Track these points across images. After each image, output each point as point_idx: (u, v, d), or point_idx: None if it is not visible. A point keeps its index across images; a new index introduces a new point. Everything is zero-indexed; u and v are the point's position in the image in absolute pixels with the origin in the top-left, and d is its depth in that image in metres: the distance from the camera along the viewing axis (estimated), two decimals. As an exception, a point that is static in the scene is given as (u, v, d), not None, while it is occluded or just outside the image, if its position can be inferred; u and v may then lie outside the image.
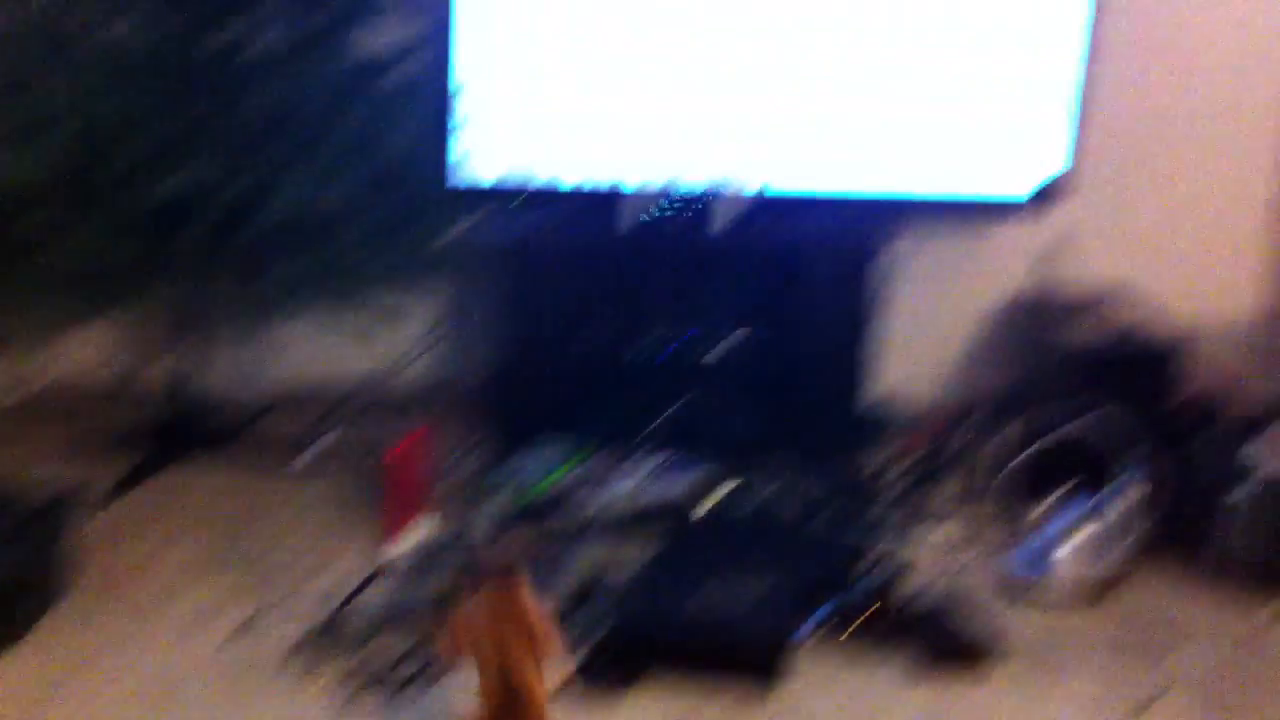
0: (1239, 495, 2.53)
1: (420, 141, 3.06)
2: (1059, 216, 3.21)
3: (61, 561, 2.40)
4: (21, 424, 3.16)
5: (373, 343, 3.17)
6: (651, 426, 2.97)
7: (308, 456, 3.06)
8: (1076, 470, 2.69)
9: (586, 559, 2.42)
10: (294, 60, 2.81)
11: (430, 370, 3.55)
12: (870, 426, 3.11)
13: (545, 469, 2.78)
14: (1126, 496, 2.64)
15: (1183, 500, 2.62)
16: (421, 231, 3.13)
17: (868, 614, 2.28)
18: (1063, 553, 2.48)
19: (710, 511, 2.70)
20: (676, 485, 2.75)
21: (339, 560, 2.56)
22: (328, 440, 3.14)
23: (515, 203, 3.18)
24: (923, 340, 3.46)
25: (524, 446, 2.91)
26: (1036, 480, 2.73)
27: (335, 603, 2.36)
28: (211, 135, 2.74)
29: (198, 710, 2.07)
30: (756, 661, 2.15)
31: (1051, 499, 2.63)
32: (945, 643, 2.25)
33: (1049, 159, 3.12)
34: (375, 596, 2.39)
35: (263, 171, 2.75)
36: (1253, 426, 2.70)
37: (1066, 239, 3.36)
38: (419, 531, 2.60)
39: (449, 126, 3.15)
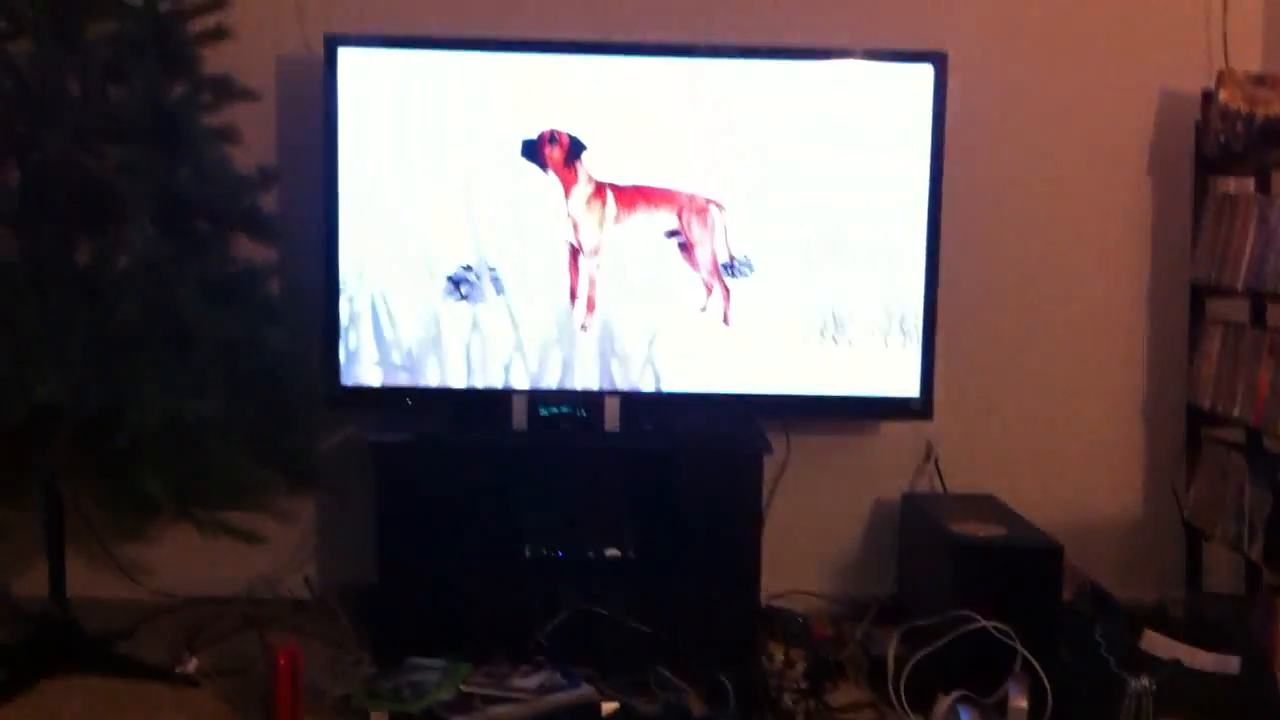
0: (1131, 695, 2.59)
1: (300, 347, 3.06)
2: (934, 422, 3.32)
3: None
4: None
5: (253, 550, 3.10)
6: (543, 633, 2.94)
7: (189, 666, 2.94)
8: (966, 672, 2.73)
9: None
10: (168, 267, 2.79)
11: (312, 577, 3.48)
12: (764, 627, 3.11)
13: (433, 681, 2.71)
14: (1015, 700, 2.69)
15: (1068, 702, 2.67)
16: (302, 438, 3.11)
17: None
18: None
19: (608, 717, 2.67)
20: (573, 694, 2.70)
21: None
22: (206, 654, 3.04)
23: (404, 405, 3.19)
24: (810, 539, 3.51)
25: (409, 658, 2.85)
26: (929, 682, 2.76)
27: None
28: (84, 343, 2.70)
29: None
30: None
31: (948, 700, 2.64)
32: None
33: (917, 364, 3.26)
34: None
35: (136, 379, 2.71)
36: (1131, 626, 2.78)
37: (943, 440, 3.48)
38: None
39: (331, 331, 3.16)
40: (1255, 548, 3.00)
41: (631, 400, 3.18)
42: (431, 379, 3.19)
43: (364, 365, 3.19)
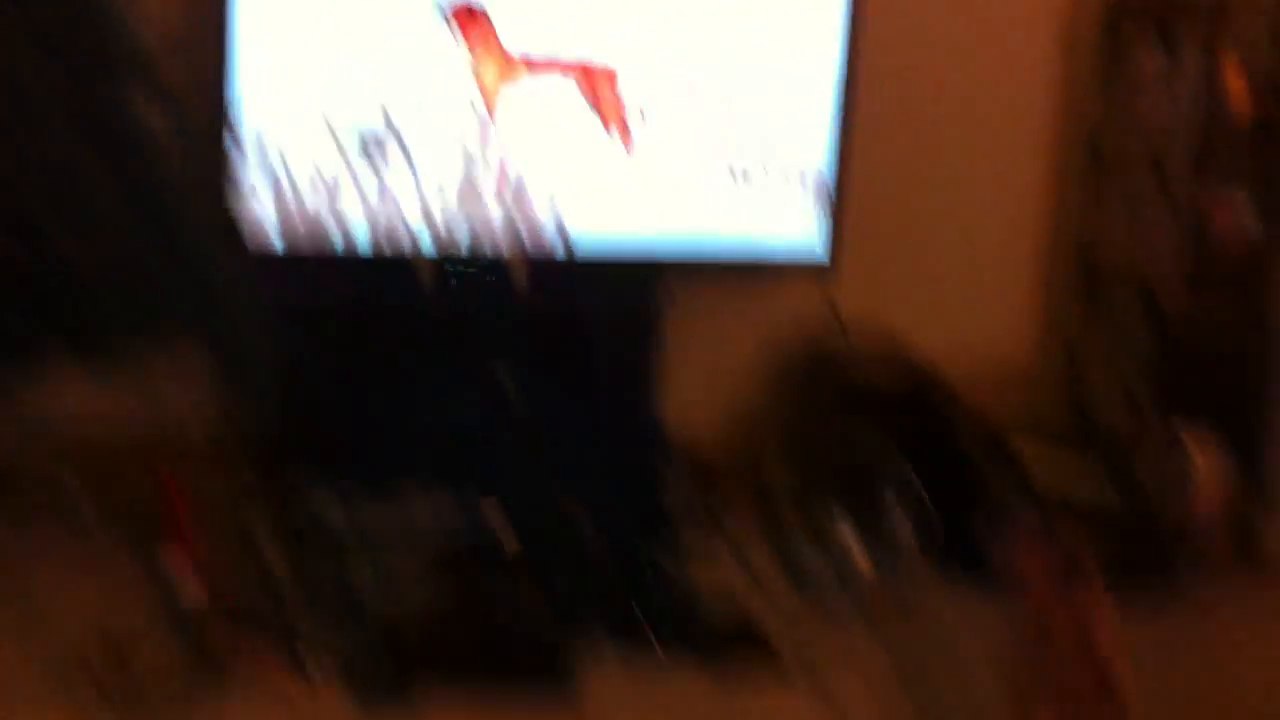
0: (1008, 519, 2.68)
1: (200, 198, 3.04)
2: (836, 275, 3.37)
3: None
4: None
5: (150, 395, 3.10)
6: (443, 475, 2.98)
7: (85, 508, 2.96)
8: (859, 497, 2.82)
9: (375, 582, 2.40)
10: (65, 117, 2.76)
11: (210, 421, 3.47)
12: (662, 459, 3.17)
13: (329, 506, 2.76)
14: (909, 526, 2.78)
15: (957, 523, 2.77)
16: (201, 288, 3.08)
17: (661, 631, 2.33)
18: (848, 571, 2.58)
19: (501, 539, 2.73)
20: (464, 518, 2.77)
21: (119, 604, 2.50)
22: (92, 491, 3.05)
23: (303, 260, 3.18)
24: (712, 379, 3.55)
25: (303, 488, 2.88)
26: (822, 504, 2.84)
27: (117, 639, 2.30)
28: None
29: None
30: (549, 675, 2.17)
31: (841, 526, 2.73)
32: (737, 655, 2.31)
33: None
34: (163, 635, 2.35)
35: (34, 229, 2.69)
36: (1020, 461, 2.87)
37: (843, 283, 3.52)
38: (198, 578, 2.55)
39: (230, 182, 3.14)
40: (1142, 389, 3.09)
41: (537, 263, 3.20)
42: (334, 241, 3.19)
43: (263, 224, 3.18)
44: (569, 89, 3.20)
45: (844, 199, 3.26)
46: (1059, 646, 1.70)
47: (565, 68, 3.19)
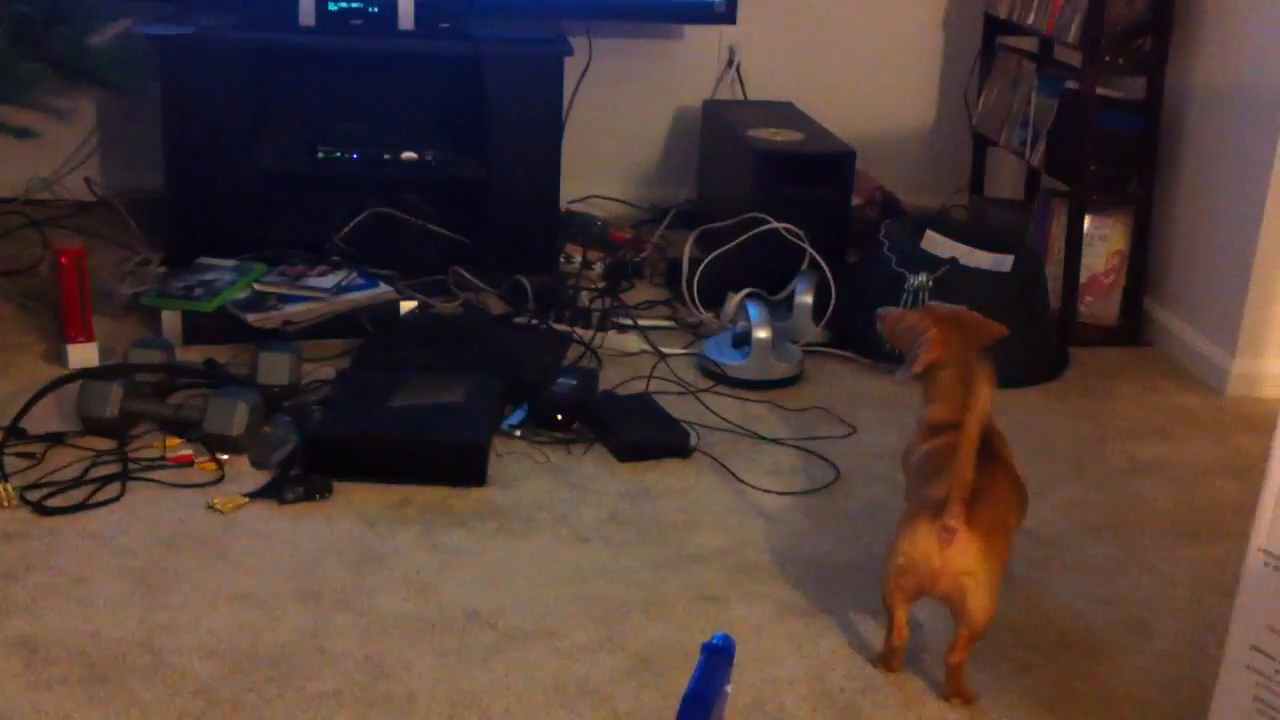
0: (909, 290, 2.72)
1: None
2: (739, 27, 3.28)
3: None
4: None
5: (29, 149, 2.94)
6: (340, 235, 2.91)
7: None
8: (759, 273, 2.83)
9: (281, 366, 2.35)
10: None
11: (95, 178, 3.34)
12: (564, 232, 3.13)
13: (227, 281, 2.67)
14: (801, 296, 2.81)
15: (859, 297, 2.80)
16: (75, 30, 2.89)
17: (569, 407, 2.34)
18: (754, 346, 2.60)
19: (408, 316, 2.69)
20: (371, 293, 2.70)
21: (13, 369, 2.44)
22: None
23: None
24: (611, 145, 3.50)
25: (200, 260, 2.78)
26: (723, 281, 2.84)
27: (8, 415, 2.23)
28: None
29: None
30: (461, 456, 2.18)
31: (738, 297, 2.74)
32: (644, 429, 2.34)
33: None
34: (52, 409, 2.28)
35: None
36: (918, 228, 2.89)
37: (746, 48, 3.45)
38: (90, 347, 2.47)
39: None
40: (1037, 154, 3.11)
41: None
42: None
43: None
44: None
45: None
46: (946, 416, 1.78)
47: None
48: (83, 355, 2.45)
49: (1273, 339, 2.68)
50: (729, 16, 3.21)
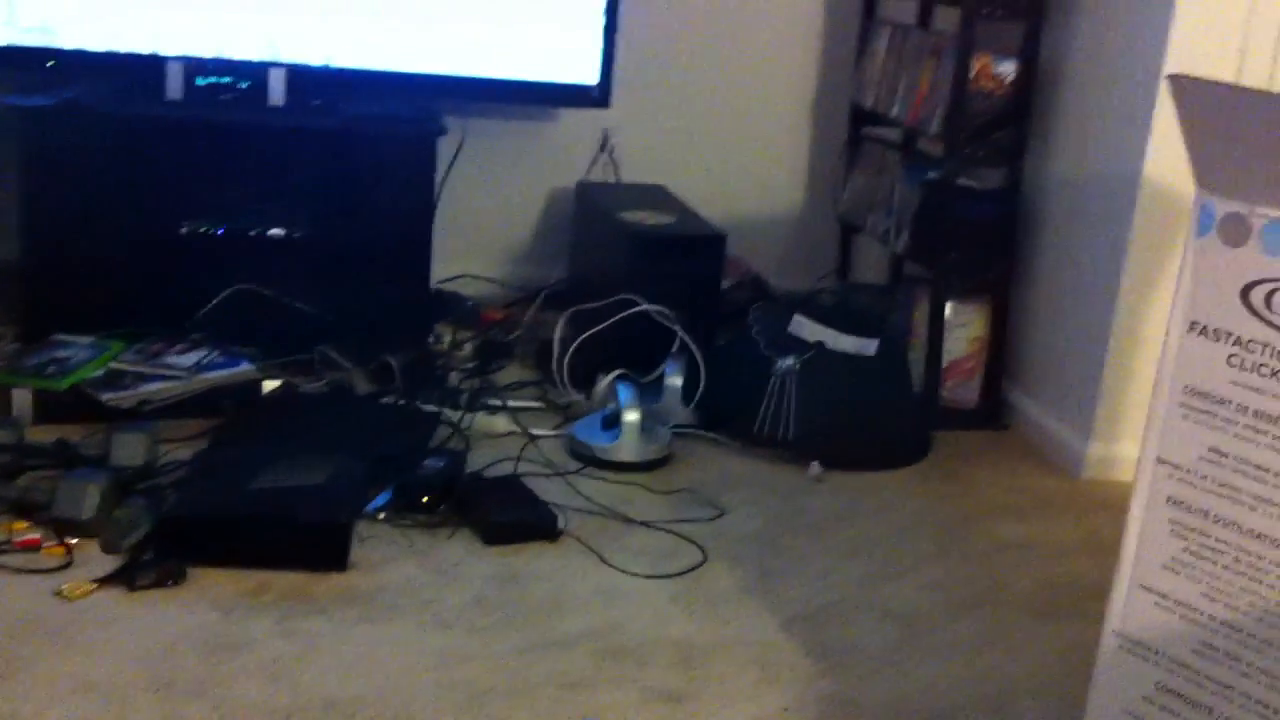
0: (777, 373, 2.75)
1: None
2: (612, 111, 3.32)
3: None
4: None
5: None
6: (203, 312, 2.84)
7: None
8: (630, 354, 2.84)
9: (136, 447, 2.28)
10: None
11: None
12: (435, 310, 3.11)
13: (82, 359, 2.60)
14: (679, 377, 2.82)
15: (728, 380, 2.82)
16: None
17: (435, 489, 2.31)
18: (621, 429, 2.60)
19: (270, 395, 2.63)
20: (232, 372, 2.65)
21: None
22: None
23: (46, 64, 2.92)
24: (484, 224, 3.50)
25: (51, 337, 2.71)
26: (597, 360, 2.85)
27: None
28: None
29: None
30: (323, 540, 2.13)
31: (608, 379, 2.74)
32: (508, 514, 2.31)
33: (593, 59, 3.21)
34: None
35: None
36: (785, 312, 2.92)
37: (618, 132, 3.49)
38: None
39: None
40: (901, 241, 3.18)
41: (299, 74, 3.02)
42: (75, 40, 2.93)
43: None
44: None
45: (618, 37, 3.20)
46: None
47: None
48: (-73, 434, 2.35)
49: (1127, 423, 2.76)
50: (603, 101, 3.24)
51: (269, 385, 2.65)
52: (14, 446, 2.30)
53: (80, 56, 2.94)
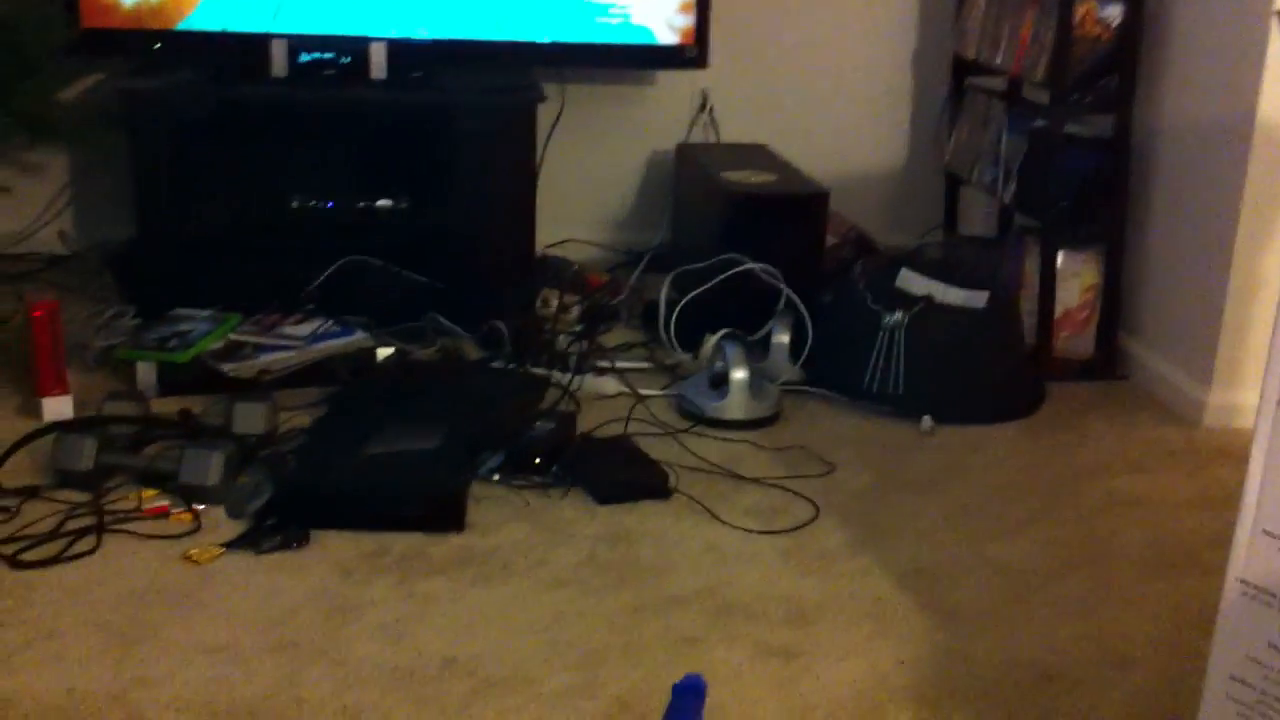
0: (885, 328, 2.73)
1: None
2: (709, 72, 3.30)
3: None
4: None
5: (4, 202, 2.94)
6: (315, 284, 2.90)
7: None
8: (735, 313, 2.83)
9: (257, 416, 2.34)
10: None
11: (68, 232, 3.34)
12: (539, 277, 3.14)
13: (201, 331, 2.67)
14: (785, 334, 2.82)
15: (835, 337, 2.81)
16: (40, 85, 2.91)
17: (547, 451, 2.33)
18: (730, 387, 2.61)
19: (383, 363, 2.68)
20: (345, 341, 2.70)
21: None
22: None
23: (152, 47, 2.99)
24: (585, 190, 3.52)
25: (171, 312, 2.78)
26: (699, 323, 2.85)
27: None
28: None
29: None
30: (438, 503, 2.17)
31: (715, 338, 2.74)
32: (619, 474, 2.33)
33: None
34: (26, 462, 2.26)
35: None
36: (891, 268, 2.90)
37: (716, 93, 3.48)
38: (63, 400, 2.46)
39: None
40: (1008, 191, 3.13)
41: (398, 47, 3.06)
42: (182, 21, 3.00)
43: (107, 6, 2.97)
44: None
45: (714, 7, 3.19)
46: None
47: None
48: (57, 408, 2.44)
49: (1248, 370, 2.69)
50: (700, 61, 3.23)
51: (382, 353, 2.70)
52: (140, 418, 2.37)
53: (186, 37, 3.01)
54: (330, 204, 3.00)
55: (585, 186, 3.51)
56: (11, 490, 2.19)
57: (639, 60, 3.31)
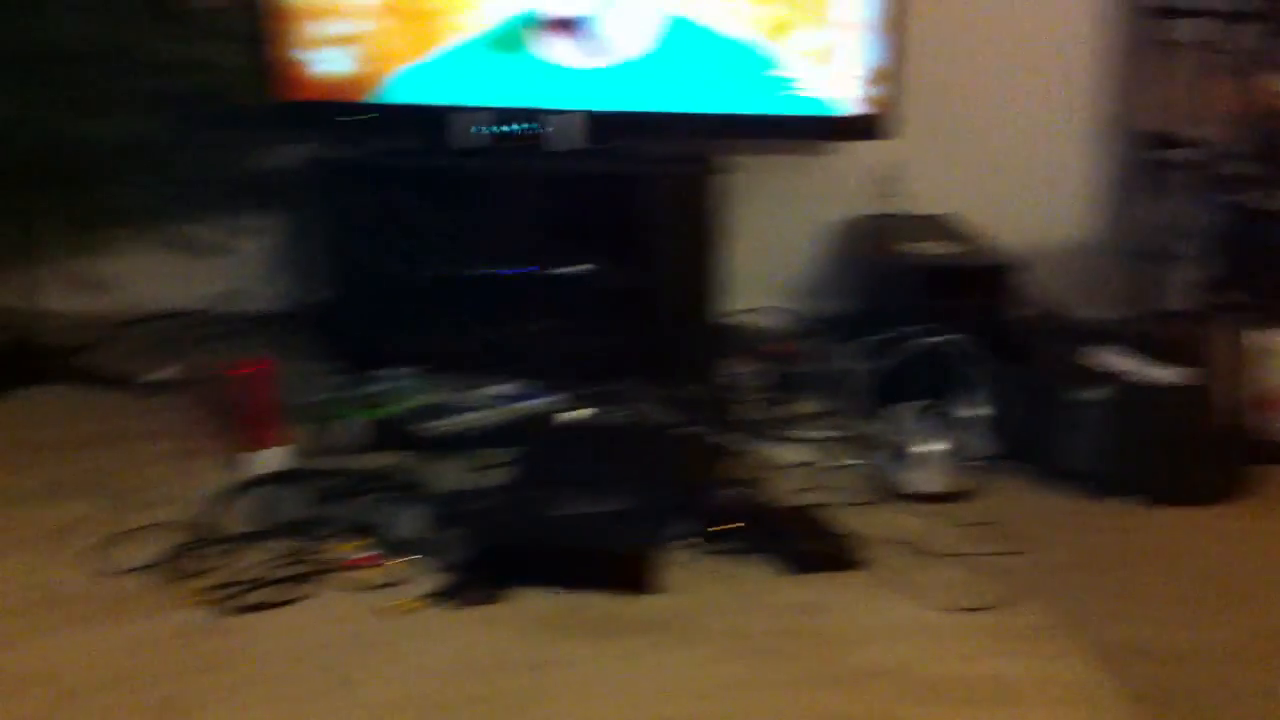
0: (1079, 407, 2.68)
1: (243, 63, 2.99)
2: (894, 142, 3.31)
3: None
4: None
5: (211, 267, 3.09)
6: (507, 348, 2.98)
7: (154, 377, 2.97)
8: (928, 383, 2.82)
9: (459, 473, 2.41)
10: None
11: (271, 295, 3.49)
12: (726, 344, 3.16)
13: (397, 391, 2.76)
14: (976, 408, 2.79)
15: (1027, 412, 2.77)
16: (251, 155, 3.06)
17: (736, 517, 2.35)
18: (921, 460, 2.59)
19: (574, 428, 2.74)
20: (534, 406, 2.77)
21: (192, 479, 2.53)
22: (173, 365, 3.06)
23: (351, 119, 3.12)
24: (770, 257, 3.55)
25: (372, 372, 2.88)
26: (891, 392, 2.84)
27: (197, 517, 2.34)
28: (22, 64, 2.63)
29: (66, 623, 2.03)
30: (628, 568, 2.20)
31: (908, 409, 2.73)
32: (811, 544, 2.33)
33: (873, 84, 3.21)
34: (238, 512, 2.37)
35: (83, 100, 2.66)
36: (1084, 343, 2.85)
37: (901, 163, 3.48)
38: (274, 453, 2.56)
39: (269, 46, 3.06)
40: (1207, 268, 3.06)
41: (580, 118, 3.13)
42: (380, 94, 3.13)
43: (312, 80, 3.10)
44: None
45: (903, 77, 3.20)
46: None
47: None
48: (270, 460, 2.55)
49: None
50: (885, 133, 3.23)
51: (575, 414, 2.75)
52: (348, 472, 2.46)
53: (374, 108, 3.13)
54: (520, 270, 3.08)
55: (771, 254, 3.53)
56: (225, 538, 2.29)
57: (823, 133, 3.32)
